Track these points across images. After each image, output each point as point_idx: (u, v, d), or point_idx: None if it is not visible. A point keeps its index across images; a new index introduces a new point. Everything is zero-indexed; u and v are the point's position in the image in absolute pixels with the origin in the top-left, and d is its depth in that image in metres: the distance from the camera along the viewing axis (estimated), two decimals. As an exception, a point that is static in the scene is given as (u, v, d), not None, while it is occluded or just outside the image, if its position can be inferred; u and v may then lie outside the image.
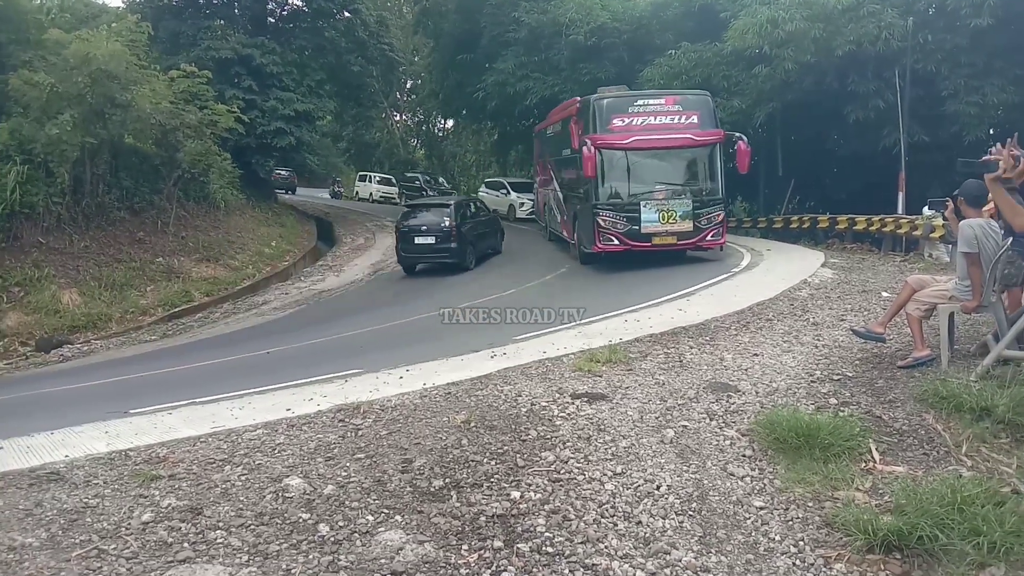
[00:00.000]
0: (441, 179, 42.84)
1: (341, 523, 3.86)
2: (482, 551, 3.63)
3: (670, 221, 15.25)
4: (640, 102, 16.01)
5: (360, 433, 5.08)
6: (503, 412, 5.39)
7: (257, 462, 4.56)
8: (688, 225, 15.25)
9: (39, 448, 5.07)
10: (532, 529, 3.81)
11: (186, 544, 3.69)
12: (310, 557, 3.55)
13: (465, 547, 3.66)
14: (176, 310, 16.60)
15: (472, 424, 5.13)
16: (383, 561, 3.52)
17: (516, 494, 4.15)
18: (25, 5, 22.13)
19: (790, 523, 4.01)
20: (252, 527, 3.85)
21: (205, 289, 18.06)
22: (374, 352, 9.33)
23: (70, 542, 3.72)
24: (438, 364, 7.34)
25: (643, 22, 25.97)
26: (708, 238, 15.42)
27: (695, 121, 15.68)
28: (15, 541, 3.69)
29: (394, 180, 43.47)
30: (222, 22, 27.30)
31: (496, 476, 4.37)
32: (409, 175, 41.99)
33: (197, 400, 6.45)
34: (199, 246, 19.85)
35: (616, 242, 15.40)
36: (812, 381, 6.19)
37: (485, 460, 4.58)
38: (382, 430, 5.12)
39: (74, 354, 13.43)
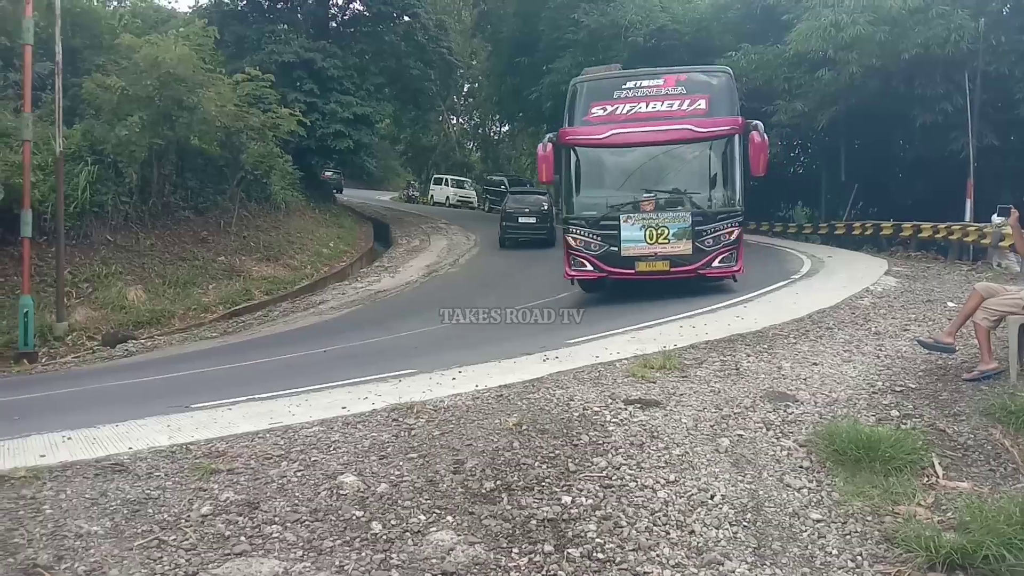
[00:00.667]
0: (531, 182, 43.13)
1: (394, 522, 3.90)
2: (532, 555, 3.62)
3: (660, 241, 11.80)
4: (630, 84, 12.52)
5: (413, 433, 5.11)
6: (555, 416, 5.37)
7: (313, 459, 4.63)
8: (685, 246, 11.76)
9: (104, 440, 5.24)
10: (583, 535, 3.79)
11: (243, 537, 3.76)
12: (363, 554, 3.59)
13: (515, 550, 3.65)
14: (236, 308, 17.01)
15: (524, 427, 5.13)
16: (434, 561, 3.54)
17: (567, 499, 4.14)
18: (99, 12, 23.04)
19: (848, 537, 3.91)
20: (307, 523, 3.91)
21: (265, 288, 18.47)
22: (428, 353, 9.40)
23: (132, 532, 3.83)
24: (490, 366, 7.35)
25: (703, 24, 25.74)
26: (715, 264, 11.85)
27: (701, 107, 12.12)
28: (82, 529, 3.81)
29: (469, 184, 43.51)
30: (285, 26, 27.91)
31: (547, 480, 4.36)
32: (494, 178, 42.27)
33: (256, 396, 6.58)
34: (260, 246, 20.31)
35: (589, 267, 12.24)
36: (873, 392, 6.03)
37: (536, 464, 4.57)
38: (435, 430, 5.15)
39: (138, 349, 13.84)
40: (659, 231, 11.84)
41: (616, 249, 11.92)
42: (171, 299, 16.44)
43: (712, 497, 4.21)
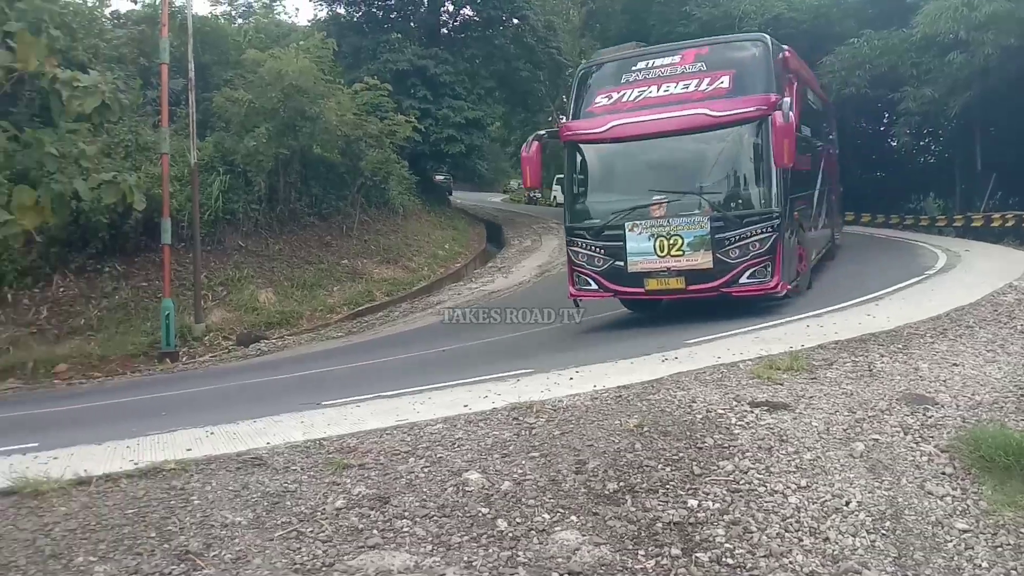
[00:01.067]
0: None
1: (519, 519, 3.94)
2: (659, 558, 3.58)
3: (673, 253, 9.81)
4: (641, 65, 10.64)
5: (534, 432, 5.15)
6: (677, 418, 5.29)
7: (438, 455, 4.74)
8: (703, 259, 9.70)
9: (244, 435, 5.54)
10: (711, 539, 3.72)
11: (375, 531, 3.89)
12: (490, 551, 3.65)
13: (642, 552, 3.63)
14: (359, 309, 17.62)
15: (645, 429, 5.07)
16: (560, 560, 3.55)
17: (693, 502, 4.07)
18: (226, 29, 24.33)
19: (999, 549, 3.68)
20: (435, 518, 4.01)
21: (385, 289, 19.04)
22: (544, 352, 9.44)
23: (273, 523, 4.03)
24: (607, 367, 7.31)
25: (821, 11, 24.68)
26: (744, 279, 9.67)
27: (724, 86, 9.90)
28: (227, 519, 4.05)
29: None
30: (399, 36, 28.63)
31: (671, 483, 4.30)
32: None
33: (382, 394, 6.80)
34: (379, 249, 20.95)
35: (593, 285, 10.53)
36: (1022, 395, 5.62)
37: (660, 466, 4.51)
38: (555, 430, 5.17)
39: (270, 348, 14.57)
40: (671, 241, 9.80)
41: (622, 264, 10.11)
42: (299, 301, 17.19)
43: (847, 504, 4.04)
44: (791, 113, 9.46)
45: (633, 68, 10.67)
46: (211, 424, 5.95)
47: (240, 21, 29.25)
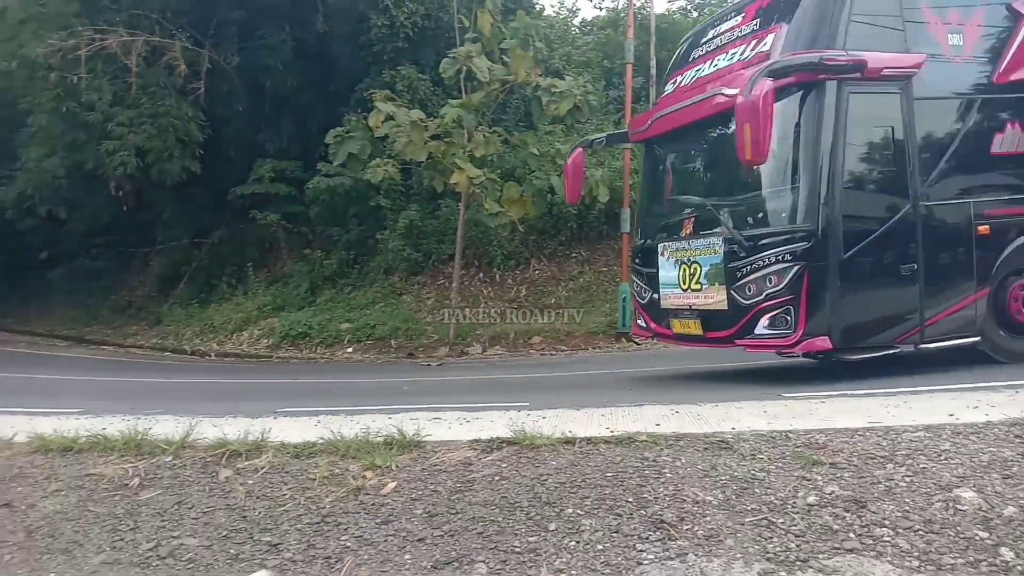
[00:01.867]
0: None
1: (1030, 553, 3.41)
2: None
3: (693, 286, 7.86)
4: (710, 34, 8.68)
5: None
6: None
7: (921, 465, 4.31)
8: (718, 295, 7.55)
9: (708, 417, 5.68)
10: None
11: (851, 535, 3.70)
12: (992, 580, 3.22)
13: None
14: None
15: None
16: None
17: None
18: (682, 24, 25.03)
19: None
20: (920, 532, 3.66)
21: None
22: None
23: (742, 507, 4.06)
24: None
25: None
26: (760, 328, 7.15)
27: (764, 50, 7.54)
28: (697, 496, 4.20)
29: None
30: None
31: None
32: None
33: (847, 392, 6.42)
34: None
35: (642, 324, 9.04)
36: None
37: None
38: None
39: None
40: (692, 269, 7.85)
41: (657, 296, 8.48)
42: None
43: None
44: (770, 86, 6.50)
45: (703, 40, 8.79)
46: (674, 403, 6.23)
47: (695, 15, 29.92)
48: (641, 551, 3.79)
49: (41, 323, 25.88)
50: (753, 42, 7.84)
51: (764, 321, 7.12)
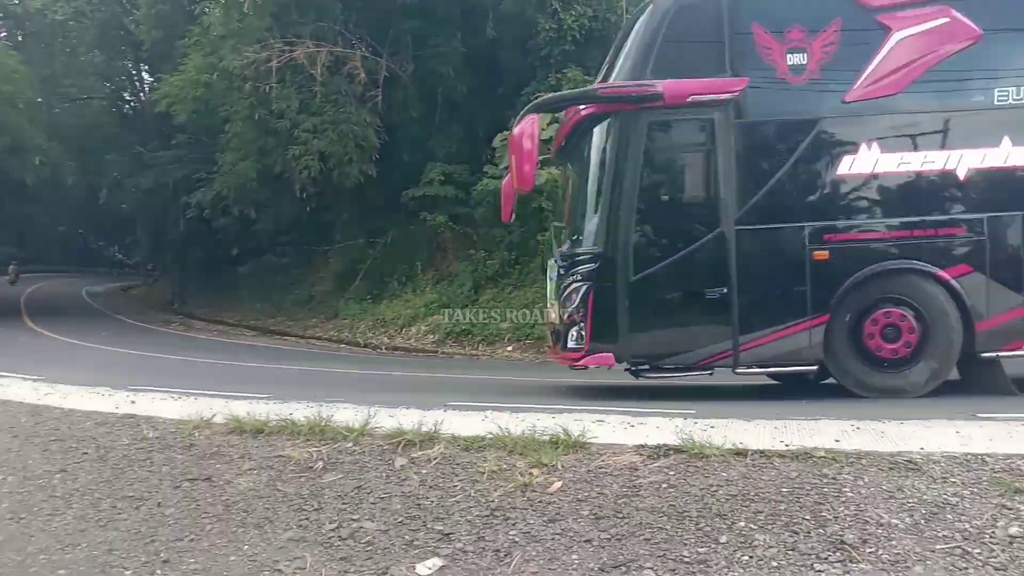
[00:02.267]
0: None
1: None
2: None
3: (551, 301, 8.37)
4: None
5: None
6: None
7: None
8: (555, 311, 8.05)
9: (892, 435, 5.30)
10: None
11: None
12: None
13: None
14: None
15: None
16: None
17: None
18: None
19: None
20: None
21: None
22: None
23: (933, 534, 3.80)
24: None
25: None
26: (570, 342, 7.56)
27: (605, 73, 8.15)
28: (882, 518, 3.96)
29: None
30: None
31: None
32: None
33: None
34: None
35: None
36: None
37: None
38: None
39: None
40: (551, 284, 8.39)
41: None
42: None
43: None
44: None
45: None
46: (855, 419, 5.88)
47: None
48: (820, 571, 3.63)
49: (231, 314, 28.28)
50: (607, 67, 8.24)
51: (572, 334, 7.60)
